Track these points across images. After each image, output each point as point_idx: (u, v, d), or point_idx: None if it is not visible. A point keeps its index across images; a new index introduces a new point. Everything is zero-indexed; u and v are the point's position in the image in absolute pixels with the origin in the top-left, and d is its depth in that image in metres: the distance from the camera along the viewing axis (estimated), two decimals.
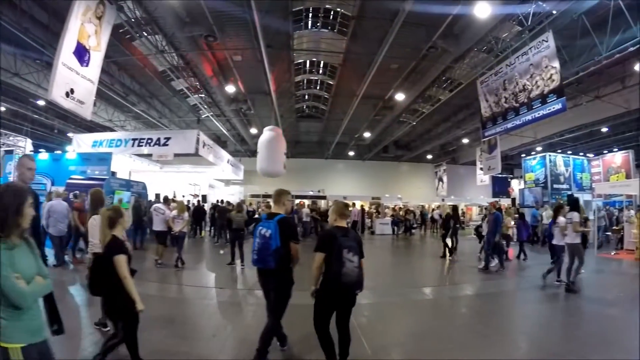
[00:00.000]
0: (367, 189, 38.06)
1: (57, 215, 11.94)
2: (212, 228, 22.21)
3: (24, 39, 14.85)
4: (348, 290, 4.74)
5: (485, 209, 19.98)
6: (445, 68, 18.77)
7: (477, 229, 16.56)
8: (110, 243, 4.65)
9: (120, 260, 4.48)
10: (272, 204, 5.82)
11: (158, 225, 13.16)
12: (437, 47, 16.48)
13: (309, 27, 16.98)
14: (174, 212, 13.07)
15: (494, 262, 13.19)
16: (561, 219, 10.33)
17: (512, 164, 38.06)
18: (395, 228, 27.40)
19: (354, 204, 28.00)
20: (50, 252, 11.47)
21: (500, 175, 33.66)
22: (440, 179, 40.54)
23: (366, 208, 31.27)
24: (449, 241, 16.12)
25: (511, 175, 39.93)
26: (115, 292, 4.49)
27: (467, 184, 38.91)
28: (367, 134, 31.59)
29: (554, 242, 10.71)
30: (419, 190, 40.99)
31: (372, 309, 8.29)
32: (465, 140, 32.91)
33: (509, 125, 16.31)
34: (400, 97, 21.69)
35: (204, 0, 13.86)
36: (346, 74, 20.89)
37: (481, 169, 28.49)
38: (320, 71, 21.94)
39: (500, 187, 38.01)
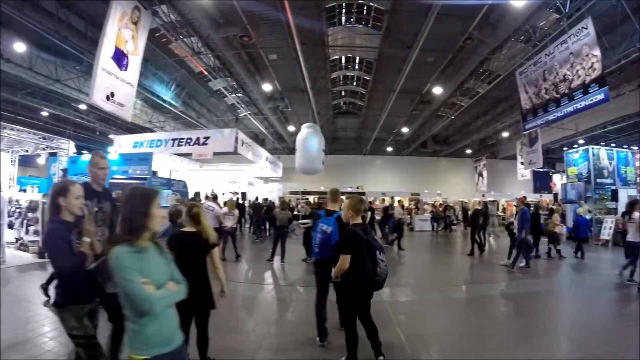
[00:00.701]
0: (406, 185, 37.66)
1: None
2: (251, 225, 22.43)
3: (63, 47, 15.40)
4: (378, 288, 4.93)
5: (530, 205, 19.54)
6: (482, 60, 18.36)
7: (509, 226, 16.22)
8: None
9: (217, 251, 5.01)
10: (328, 201, 6.21)
11: (209, 222, 13.44)
12: (473, 38, 16.19)
13: (343, 23, 16.93)
14: (225, 209, 13.76)
15: (523, 260, 12.74)
16: (637, 214, 9.98)
17: (553, 158, 36.32)
18: (435, 224, 26.95)
19: (383, 200, 27.81)
20: None
21: (541, 170, 32.35)
22: (480, 174, 39.24)
23: (405, 204, 30.94)
24: (477, 238, 15.87)
25: (553, 170, 38.30)
26: (205, 285, 4.74)
27: (508, 179, 37.89)
28: (405, 129, 31.13)
29: (629, 238, 10.30)
30: (458, 186, 40.24)
31: (411, 307, 8.27)
32: (505, 134, 32.18)
33: (550, 117, 15.81)
34: (437, 90, 21.39)
35: (237, 0, 13.92)
36: (382, 69, 20.69)
37: (522, 163, 27.95)
38: (356, 67, 21.86)
39: (541, 182, 36.81)
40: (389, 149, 39.20)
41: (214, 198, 15.35)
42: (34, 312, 6.92)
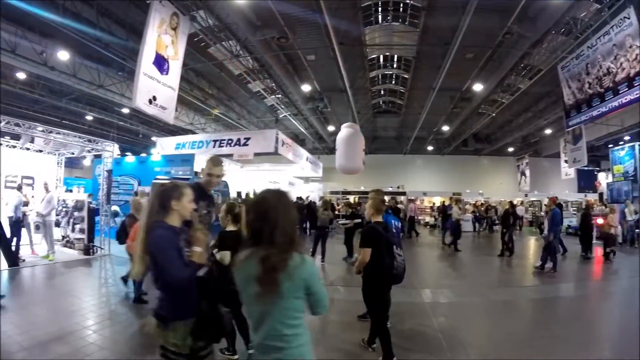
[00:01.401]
0: (447, 185, 36.88)
1: None
2: None
3: (105, 54, 16.07)
4: (398, 281, 5.31)
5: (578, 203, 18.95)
6: (523, 54, 17.86)
7: (540, 226, 15.83)
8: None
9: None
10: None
11: None
12: (512, 32, 15.80)
13: (380, 21, 16.86)
14: None
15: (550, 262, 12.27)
16: None
17: (598, 156, 34.87)
18: (477, 225, 26.51)
19: (410, 200, 27.59)
20: None
21: (586, 168, 31.32)
22: (523, 173, 38.28)
23: (447, 204, 30.39)
24: (507, 239, 15.49)
25: (598, 168, 36.94)
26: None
27: (551, 178, 36.54)
28: (445, 128, 30.77)
29: None
30: (500, 185, 39.21)
31: (450, 309, 8.19)
32: (548, 131, 31.11)
33: (594, 112, 15.24)
34: (478, 87, 21.03)
35: (273, 0, 14.05)
36: (421, 66, 20.51)
37: (566, 161, 27.29)
38: (395, 65, 21.69)
39: (586, 180, 35.39)
40: (430, 147, 38.70)
41: None
42: (78, 306, 7.20)
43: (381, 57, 20.65)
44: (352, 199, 31.58)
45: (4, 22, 14.61)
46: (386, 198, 6.94)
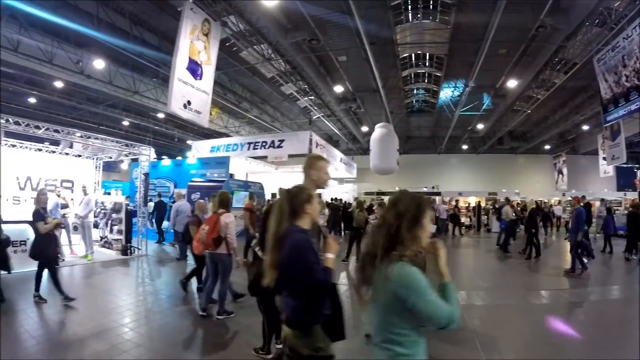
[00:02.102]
0: (482, 184, 35.86)
1: (183, 214, 13.08)
2: (327, 225, 22.67)
3: (139, 61, 16.64)
4: None
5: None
6: (557, 48, 17.36)
7: (567, 226, 15.41)
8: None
9: None
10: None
11: None
12: (545, 25, 15.44)
13: (410, 19, 16.76)
14: None
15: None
16: None
17: (638, 152, 33.72)
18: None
19: (440, 199, 27.32)
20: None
21: (625, 165, 30.00)
22: (560, 172, 37.19)
23: (482, 204, 29.94)
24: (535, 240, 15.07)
25: (638, 165, 35.51)
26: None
27: (590, 176, 35.00)
28: (480, 126, 30.07)
29: None
30: (537, 184, 38.10)
31: (486, 312, 8.17)
32: (585, 127, 30.25)
33: (633, 107, 14.63)
34: (512, 83, 20.61)
35: (303, 1, 14.15)
36: (453, 64, 20.27)
37: (604, 158, 26.50)
38: (427, 63, 21.48)
39: (625, 178, 33.56)
40: (464, 146, 38.08)
41: None
42: (115, 304, 7.43)
43: (413, 55, 20.41)
44: (386, 199, 31.36)
45: (40, 34, 15.34)
46: None
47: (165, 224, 17.00)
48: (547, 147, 37.80)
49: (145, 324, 6.79)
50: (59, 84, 21.27)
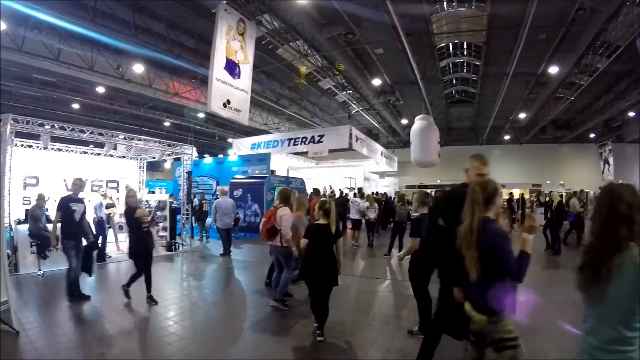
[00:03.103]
0: (526, 176, 35.15)
1: (224, 210, 13.38)
2: None
3: (177, 64, 17.05)
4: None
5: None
6: (598, 31, 16.54)
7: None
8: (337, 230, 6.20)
9: (341, 242, 6.20)
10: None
11: (354, 214, 15.51)
12: (585, 8, 14.89)
13: (446, 8, 16.54)
14: (367, 203, 15.42)
15: None
16: None
17: None
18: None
19: (427, 192, 26.80)
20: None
21: None
22: (606, 161, 35.14)
23: (526, 196, 28.95)
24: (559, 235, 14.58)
25: None
26: (334, 264, 6.01)
27: (638, 166, 32.57)
28: (522, 115, 29.24)
29: None
30: (582, 175, 36.35)
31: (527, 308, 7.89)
32: (631, 114, 28.51)
33: None
34: (553, 70, 20.00)
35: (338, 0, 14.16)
36: (492, 52, 19.76)
37: None
38: (465, 53, 21.15)
39: None
40: (507, 137, 37.17)
41: (362, 194, 17.33)
42: (161, 298, 7.67)
43: (450, 45, 20.13)
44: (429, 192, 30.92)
45: (80, 42, 16.07)
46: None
47: (208, 220, 17.34)
48: (591, 135, 36.14)
49: (189, 318, 6.99)
50: (100, 90, 22.19)
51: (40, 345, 5.55)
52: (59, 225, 8.15)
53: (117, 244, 13.60)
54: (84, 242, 8.22)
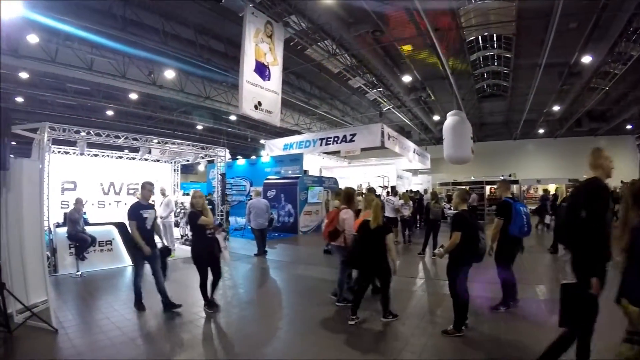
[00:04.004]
0: (561, 170, 33.42)
1: (257, 210, 13.54)
2: None
3: (208, 68, 17.42)
4: (478, 260, 6.07)
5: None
6: (630, 17, 15.87)
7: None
8: (384, 224, 6.65)
9: (391, 237, 6.68)
10: (501, 192, 7.94)
11: (390, 213, 14.94)
12: None
13: (473, 0, 16.29)
14: (401, 201, 15.46)
15: None
16: None
17: None
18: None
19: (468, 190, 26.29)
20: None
21: None
22: None
23: (559, 191, 28.21)
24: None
25: None
26: (380, 259, 6.50)
27: None
28: (555, 108, 28.36)
29: None
30: (619, 168, 34.83)
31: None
32: None
33: None
34: (586, 59, 19.43)
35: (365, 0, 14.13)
36: (522, 43, 19.31)
37: None
38: (495, 45, 20.86)
39: None
40: (541, 130, 36.03)
41: (395, 193, 17.40)
42: (196, 298, 7.75)
43: (480, 38, 19.89)
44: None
45: (112, 51, 16.75)
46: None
47: (241, 220, 17.54)
48: (628, 126, 34.80)
49: (224, 317, 7.07)
50: (133, 96, 22.92)
51: (77, 343, 5.73)
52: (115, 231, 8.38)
53: None
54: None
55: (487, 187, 29.31)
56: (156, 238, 7.84)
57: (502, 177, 30.18)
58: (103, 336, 6.03)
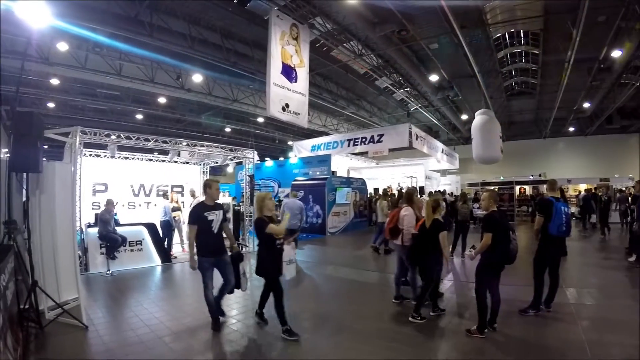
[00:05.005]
0: (592, 169, 32.26)
1: (291, 211, 13.48)
2: None
3: (235, 71, 17.66)
4: (510, 261, 6.03)
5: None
6: None
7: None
8: (435, 223, 6.74)
9: (444, 235, 6.66)
10: (548, 190, 7.87)
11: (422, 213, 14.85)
12: None
13: None
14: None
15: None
16: None
17: None
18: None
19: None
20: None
21: None
22: None
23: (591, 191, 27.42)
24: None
25: None
26: (433, 258, 6.70)
27: None
28: (586, 105, 27.54)
29: None
30: None
31: (597, 311, 7.40)
32: None
33: None
34: (616, 54, 18.78)
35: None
36: (550, 38, 18.98)
37: None
38: (522, 42, 20.56)
39: None
40: (571, 128, 34.92)
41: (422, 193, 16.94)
42: (224, 297, 7.85)
43: (506, 34, 19.58)
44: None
45: (140, 57, 17.30)
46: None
47: None
48: None
49: (252, 317, 7.04)
50: (162, 100, 23.45)
51: (107, 340, 5.90)
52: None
53: (182, 246, 14.14)
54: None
55: (517, 187, 28.88)
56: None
57: (531, 177, 30.04)
58: (132, 333, 6.17)
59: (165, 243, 12.79)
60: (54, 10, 10.97)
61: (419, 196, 8.18)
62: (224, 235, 6.77)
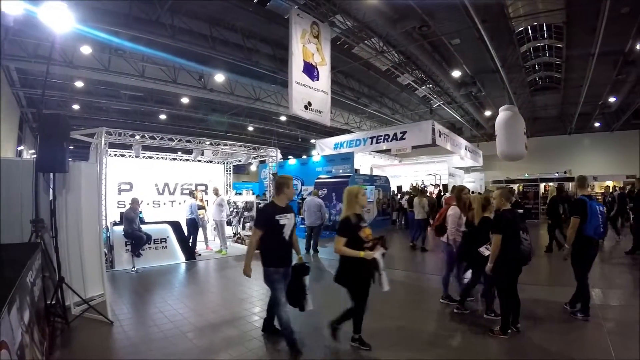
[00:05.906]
0: (619, 166, 31.41)
1: (309, 209, 13.88)
2: None
3: (257, 71, 17.81)
4: (525, 263, 5.86)
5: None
6: None
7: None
8: (485, 221, 6.49)
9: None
10: (577, 188, 7.54)
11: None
12: None
13: None
14: None
15: None
16: None
17: None
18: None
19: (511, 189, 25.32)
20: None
21: None
22: None
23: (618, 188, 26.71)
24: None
25: None
26: (481, 257, 6.21)
27: None
28: (611, 99, 26.86)
29: None
30: None
31: (622, 313, 7.25)
32: None
33: None
34: None
35: None
36: (574, 31, 18.48)
37: None
38: (545, 35, 20.26)
39: None
40: (597, 124, 33.88)
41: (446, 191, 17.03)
42: (247, 295, 7.99)
43: (529, 28, 19.34)
44: (515, 187, 28.87)
45: (161, 60, 17.61)
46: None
47: None
48: None
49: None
50: (185, 100, 23.85)
51: (131, 335, 6.05)
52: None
53: (207, 244, 14.39)
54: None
55: (542, 185, 28.45)
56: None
57: (556, 174, 29.57)
58: (156, 329, 6.29)
59: (190, 241, 12.95)
60: (77, 15, 11.19)
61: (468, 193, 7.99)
62: None
